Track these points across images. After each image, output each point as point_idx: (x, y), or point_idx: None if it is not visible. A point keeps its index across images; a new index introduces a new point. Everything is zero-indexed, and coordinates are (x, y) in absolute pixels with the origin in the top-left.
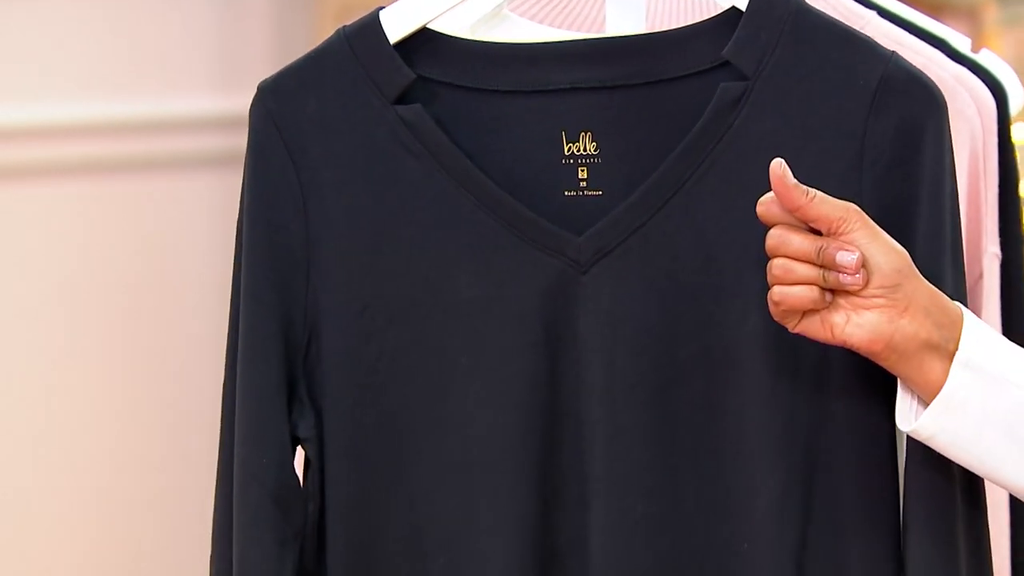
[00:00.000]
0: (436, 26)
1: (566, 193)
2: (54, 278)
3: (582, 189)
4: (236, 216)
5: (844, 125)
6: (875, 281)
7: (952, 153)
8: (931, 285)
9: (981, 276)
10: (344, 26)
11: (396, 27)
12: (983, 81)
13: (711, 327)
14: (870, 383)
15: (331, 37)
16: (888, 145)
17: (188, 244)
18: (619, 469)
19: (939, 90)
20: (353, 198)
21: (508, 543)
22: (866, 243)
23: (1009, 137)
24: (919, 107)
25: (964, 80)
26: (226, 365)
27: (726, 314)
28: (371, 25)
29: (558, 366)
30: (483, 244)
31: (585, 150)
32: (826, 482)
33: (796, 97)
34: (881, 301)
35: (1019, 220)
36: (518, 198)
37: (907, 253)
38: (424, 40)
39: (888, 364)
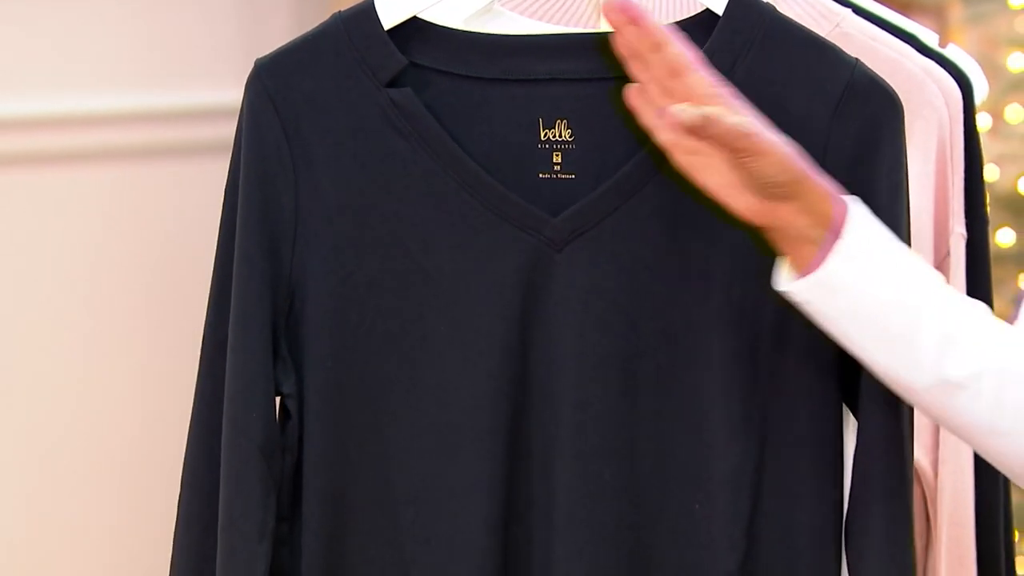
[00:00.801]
0: (429, 18)
1: (540, 175)
2: (76, 264)
3: (556, 172)
4: None
5: (810, 126)
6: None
7: (906, 153)
8: (823, 183)
9: (948, 255)
10: (340, 11)
11: (390, 14)
12: (950, 73)
13: (675, 306)
14: (822, 363)
15: (327, 21)
16: (850, 145)
17: (207, 231)
18: (584, 435)
19: (897, 95)
20: (342, 173)
21: (476, 501)
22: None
23: (974, 125)
24: (879, 111)
25: (932, 72)
26: (206, 323)
27: (690, 295)
28: (366, 11)
29: (531, 337)
30: (464, 221)
31: (560, 136)
32: (776, 451)
33: (766, 98)
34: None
35: (983, 202)
36: (497, 179)
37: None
38: (416, 28)
39: (770, 240)
